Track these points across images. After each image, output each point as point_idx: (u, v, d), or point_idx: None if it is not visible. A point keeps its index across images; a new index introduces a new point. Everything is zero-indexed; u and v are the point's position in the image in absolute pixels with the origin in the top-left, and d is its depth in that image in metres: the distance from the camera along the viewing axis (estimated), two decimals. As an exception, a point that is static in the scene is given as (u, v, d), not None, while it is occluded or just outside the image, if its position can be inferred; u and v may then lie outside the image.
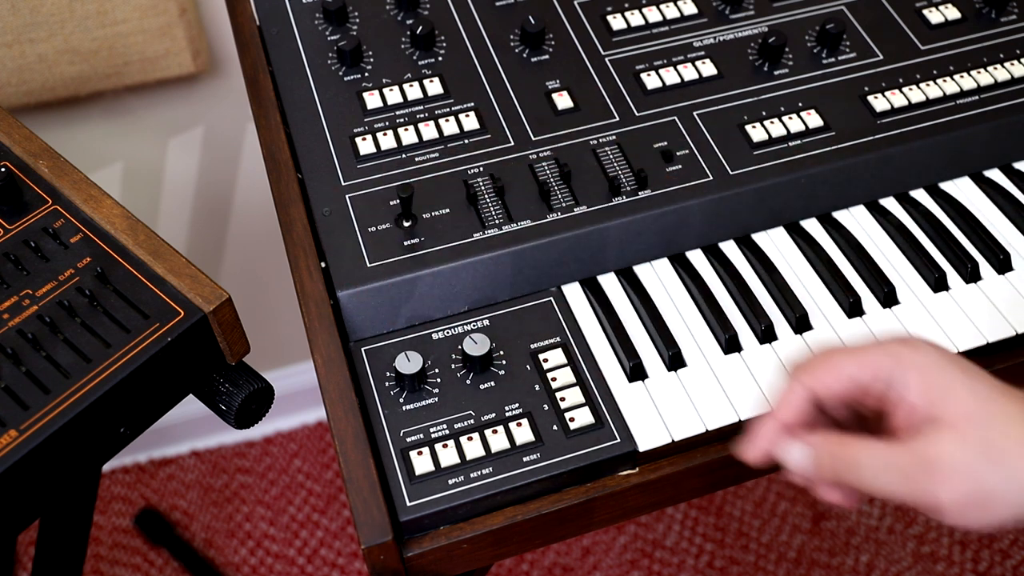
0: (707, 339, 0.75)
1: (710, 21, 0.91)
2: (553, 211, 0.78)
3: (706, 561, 1.60)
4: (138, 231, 0.75)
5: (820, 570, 1.58)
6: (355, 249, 0.76)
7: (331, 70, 0.88)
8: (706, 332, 0.75)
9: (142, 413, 0.71)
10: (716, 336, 0.75)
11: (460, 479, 0.66)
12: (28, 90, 1.13)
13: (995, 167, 0.86)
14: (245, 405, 0.75)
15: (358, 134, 0.83)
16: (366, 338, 0.74)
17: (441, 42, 0.89)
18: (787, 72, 0.87)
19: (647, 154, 0.81)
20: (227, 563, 1.61)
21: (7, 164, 0.79)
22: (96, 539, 1.63)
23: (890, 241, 0.81)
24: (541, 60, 0.88)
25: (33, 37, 1.09)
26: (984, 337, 0.74)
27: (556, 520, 0.68)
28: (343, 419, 0.67)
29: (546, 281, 0.77)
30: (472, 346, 0.71)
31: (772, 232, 0.82)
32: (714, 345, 0.74)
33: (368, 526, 0.63)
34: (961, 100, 0.85)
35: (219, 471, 1.71)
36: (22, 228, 0.76)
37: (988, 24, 0.91)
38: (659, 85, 0.86)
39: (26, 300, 0.71)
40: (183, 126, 1.30)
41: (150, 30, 1.12)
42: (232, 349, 0.74)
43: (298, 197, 0.79)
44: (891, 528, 1.63)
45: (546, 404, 0.70)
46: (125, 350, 0.69)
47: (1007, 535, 1.61)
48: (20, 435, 0.64)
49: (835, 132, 0.83)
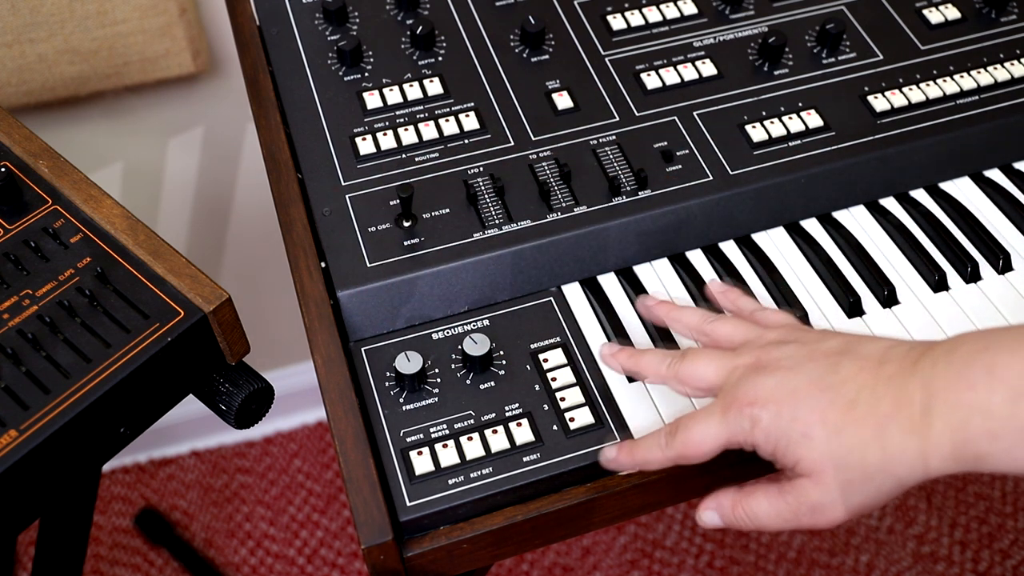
0: (707, 339, 0.75)
1: (710, 21, 0.91)
2: (553, 211, 0.78)
3: (706, 561, 1.60)
4: (138, 231, 0.75)
5: (820, 570, 1.58)
6: (355, 249, 0.76)
7: (331, 70, 0.88)
8: (706, 332, 0.75)
9: (142, 413, 0.71)
10: (716, 336, 0.75)
11: (460, 479, 0.66)
12: (28, 90, 1.13)
13: (995, 167, 0.86)
14: (245, 405, 0.75)
15: (358, 134, 0.83)
16: (366, 338, 0.74)
17: (441, 42, 0.89)
18: (787, 72, 0.87)
19: (647, 154, 0.81)
20: (227, 563, 1.61)
21: (7, 164, 0.79)
22: (96, 539, 1.63)
23: (890, 241, 0.81)
24: (541, 60, 0.88)
25: (33, 37, 1.09)
26: (984, 337, 0.74)
27: (556, 520, 0.68)
28: (343, 419, 0.67)
29: (546, 281, 0.77)
30: (472, 346, 0.71)
31: (772, 232, 0.82)
32: (714, 345, 0.74)
33: (368, 526, 0.63)
34: (961, 100, 0.85)
35: (219, 471, 1.71)
36: (22, 228, 0.76)
37: (988, 24, 0.91)
38: (659, 85, 0.86)
39: (26, 300, 0.71)
40: (183, 126, 1.30)
41: (150, 30, 1.12)
42: (232, 349, 0.74)
43: (298, 197, 0.79)
44: (891, 528, 1.63)
45: (546, 404, 0.70)
46: (125, 350, 0.69)
47: (1007, 535, 1.61)
48: (20, 435, 0.64)
49: (835, 132, 0.83)
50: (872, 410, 0.55)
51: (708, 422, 0.60)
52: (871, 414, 0.55)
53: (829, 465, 0.56)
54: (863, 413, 0.55)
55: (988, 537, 1.61)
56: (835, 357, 0.58)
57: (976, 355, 0.53)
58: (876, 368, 0.56)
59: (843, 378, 0.56)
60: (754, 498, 0.60)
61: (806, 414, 0.56)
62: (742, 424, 0.59)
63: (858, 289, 0.77)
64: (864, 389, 0.55)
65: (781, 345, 0.61)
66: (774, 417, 0.57)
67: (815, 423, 0.56)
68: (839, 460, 0.55)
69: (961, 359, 0.53)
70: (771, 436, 0.57)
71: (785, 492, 0.59)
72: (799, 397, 0.57)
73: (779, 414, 0.57)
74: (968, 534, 1.61)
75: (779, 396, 0.57)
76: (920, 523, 1.63)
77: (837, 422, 0.55)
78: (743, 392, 0.59)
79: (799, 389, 0.57)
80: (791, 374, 0.58)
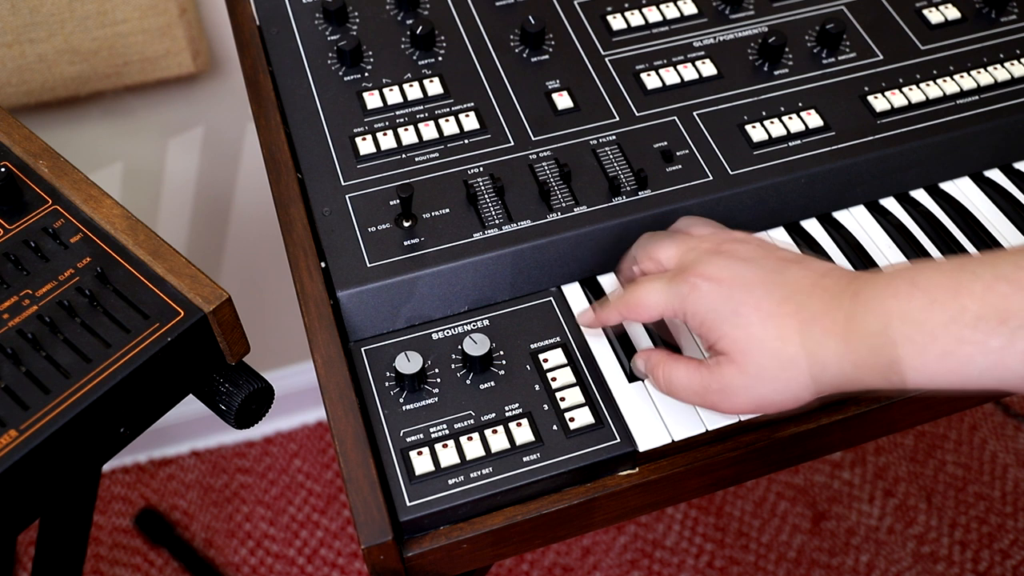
0: (707, 339, 0.75)
1: (710, 21, 0.91)
2: (553, 211, 0.78)
3: (706, 561, 1.60)
4: (138, 231, 0.75)
5: (820, 570, 1.58)
6: (355, 249, 0.76)
7: (331, 70, 0.88)
8: (706, 332, 0.75)
9: (142, 413, 0.71)
10: (716, 336, 0.75)
11: (460, 479, 0.66)
12: (28, 90, 1.13)
13: (995, 167, 0.86)
14: (245, 405, 0.75)
15: (358, 134, 0.83)
16: (366, 338, 0.74)
17: (441, 42, 0.89)
18: (787, 72, 0.87)
19: (647, 154, 0.81)
20: (227, 563, 1.61)
21: (7, 164, 0.79)
22: (96, 539, 1.63)
23: (890, 241, 0.81)
24: (541, 60, 0.88)
25: (33, 37, 1.09)
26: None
27: (556, 520, 0.68)
28: (343, 419, 0.67)
29: (546, 281, 0.77)
30: (472, 346, 0.71)
31: (772, 232, 0.82)
32: (714, 345, 0.74)
33: (368, 526, 0.63)
34: (961, 100, 0.85)
35: (219, 471, 1.71)
36: (22, 228, 0.76)
37: (988, 24, 0.91)
38: (659, 85, 0.86)
39: (26, 300, 0.71)
40: (183, 126, 1.30)
41: (150, 30, 1.13)
42: (232, 349, 0.74)
43: (298, 197, 0.79)
44: (891, 528, 1.63)
45: (546, 404, 0.70)
46: (125, 350, 0.69)
47: (1007, 535, 1.61)
48: (20, 435, 0.64)
49: (835, 132, 0.83)
50: (802, 308, 0.59)
51: (655, 284, 0.65)
52: (800, 311, 0.59)
53: (749, 346, 0.60)
54: (793, 308, 0.59)
55: (988, 537, 1.61)
56: (785, 263, 0.63)
57: (902, 272, 0.57)
58: (817, 278, 0.61)
59: (786, 279, 0.61)
60: (676, 366, 0.65)
61: (742, 296, 0.61)
62: (682, 289, 0.63)
63: (858, 289, 0.77)
64: (801, 292, 0.60)
65: (742, 242, 0.65)
66: (712, 291, 0.62)
67: (748, 305, 0.61)
68: (759, 344, 0.60)
69: (888, 275, 0.58)
70: (704, 306, 0.62)
71: (703, 367, 0.63)
72: (740, 282, 0.62)
73: (718, 290, 0.62)
74: (968, 534, 1.62)
75: (725, 277, 0.62)
76: (920, 523, 1.63)
77: (768, 310, 0.60)
78: (694, 265, 0.64)
79: (745, 277, 0.62)
80: (743, 264, 0.63)
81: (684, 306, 0.63)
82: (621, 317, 0.68)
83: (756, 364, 0.60)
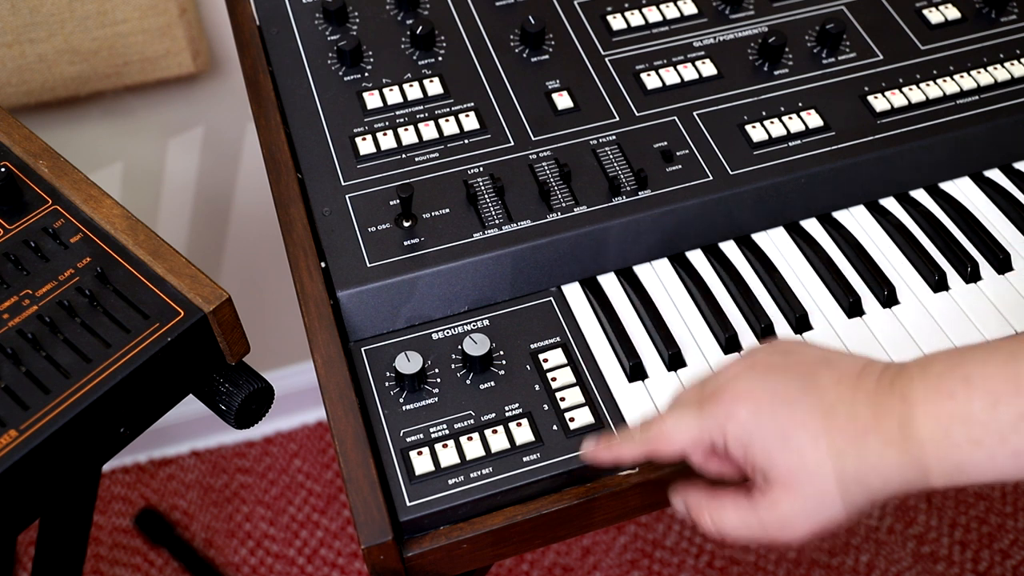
0: (707, 339, 0.75)
1: (710, 21, 0.91)
2: (553, 211, 0.78)
3: (706, 561, 1.60)
4: (138, 231, 0.75)
5: (820, 570, 1.58)
6: (355, 249, 0.76)
7: (331, 70, 0.88)
8: (706, 332, 0.75)
9: (142, 413, 0.71)
10: (716, 336, 0.75)
11: (460, 479, 0.66)
12: (28, 90, 1.13)
13: (995, 167, 0.86)
14: (245, 405, 0.75)
15: (358, 134, 0.83)
16: (366, 338, 0.74)
17: (441, 42, 0.89)
18: (787, 72, 0.87)
19: (647, 154, 0.81)
20: (227, 563, 1.61)
21: (7, 164, 0.79)
22: (96, 539, 1.63)
23: (890, 241, 0.81)
24: (541, 60, 0.88)
25: (33, 37, 1.09)
26: (984, 337, 0.74)
27: (556, 520, 0.68)
28: (343, 419, 0.67)
29: (546, 281, 0.77)
30: (472, 346, 0.71)
31: (772, 232, 0.82)
32: (714, 345, 0.74)
33: (368, 526, 0.63)
34: (961, 100, 0.85)
35: (219, 471, 1.71)
36: (22, 228, 0.76)
37: (988, 24, 0.91)
38: (659, 85, 0.86)
39: (26, 300, 0.71)
40: (183, 126, 1.30)
41: (150, 30, 1.12)
42: (232, 349, 0.74)
43: (298, 197, 0.79)
44: (891, 528, 1.63)
45: (546, 404, 0.70)
46: (125, 350, 0.69)
47: (1007, 535, 1.61)
48: (20, 435, 0.64)
49: (835, 132, 0.83)
50: (851, 421, 0.54)
51: (683, 414, 0.59)
52: (850, 424, 0.54)
53: (804, 472, 0.54)
54: (842, 423, 0.54)
55: (988, 537, 1.61)
56: (814, 368, 0.57)
57: (951, 369, 0.53)
58: (855, 381, 0.55)
59: (822, 386, 0.55)
60: (724, 508, 0.58)
61: (786, 417, 0.55)
62: (717, 418, 0.57)
63: (858, 289, 0.77)
64: (842, 400, 0.55)
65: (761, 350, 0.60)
66: (752, 415, 0.55)
67: (795, 427, 0.54)
68: (816, 467, 0.54)
69: (936, 373, 0.53)
70: (746, 434, 0.56)
71: (756, 503, 0.56)
72: (779, 399, 0.55)
73: (758, 412, 0.55)
74: (968, 534, 1.61)
75: (759, 395, 0.56)
76: (920, 523, 1.63)
77: (817, 429, 0.54)
78: (722, 387, 0.58)
79: (779, 391, 0.56)
80: (772, 375, 0.57)
81: (722, 436, 0.57)
82: (645, 455, 0.61)
83: (815, 489, 0.54)
